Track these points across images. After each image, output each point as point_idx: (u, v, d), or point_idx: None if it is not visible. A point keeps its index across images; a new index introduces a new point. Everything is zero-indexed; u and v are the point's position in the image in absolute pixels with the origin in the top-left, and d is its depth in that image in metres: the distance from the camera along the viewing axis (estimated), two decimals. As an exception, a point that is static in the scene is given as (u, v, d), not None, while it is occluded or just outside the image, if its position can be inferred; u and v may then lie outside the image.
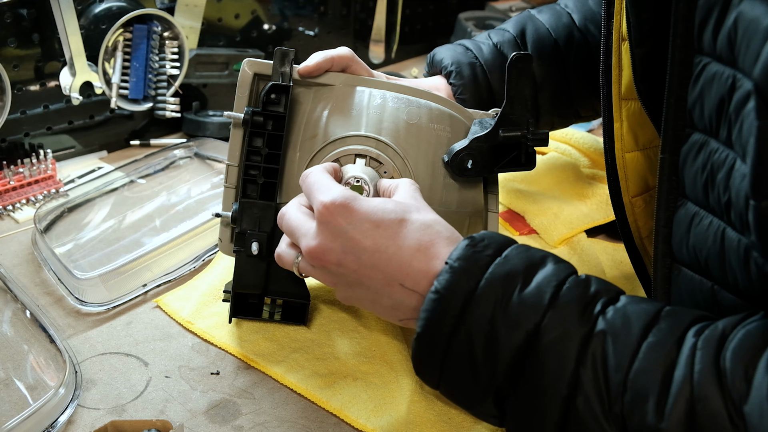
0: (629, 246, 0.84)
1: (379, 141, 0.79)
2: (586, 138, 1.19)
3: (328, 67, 0.81)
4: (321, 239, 0.67)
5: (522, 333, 0.58)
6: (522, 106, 0.79)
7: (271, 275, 0.81)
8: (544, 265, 0.62)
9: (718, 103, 0.58)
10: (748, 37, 0.54)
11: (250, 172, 0.79)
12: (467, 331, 0.60)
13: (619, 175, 0.81)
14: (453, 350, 0.61)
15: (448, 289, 0.61)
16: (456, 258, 0.62)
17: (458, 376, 0.62)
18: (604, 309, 0.59)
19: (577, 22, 0.98)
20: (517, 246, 0.64)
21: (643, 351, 0.56)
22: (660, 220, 0.68)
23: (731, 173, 0.57)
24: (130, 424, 0.71)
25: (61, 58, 1.12)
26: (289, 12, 1.39)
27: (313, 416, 0.75)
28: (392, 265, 0.65)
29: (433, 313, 0.61)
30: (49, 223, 1.01)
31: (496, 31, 1.00)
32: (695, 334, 0.56)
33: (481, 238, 0.64)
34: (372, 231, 0.65)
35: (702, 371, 0.53)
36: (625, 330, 0.57)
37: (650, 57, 0.72)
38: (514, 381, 0.59)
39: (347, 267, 0.66)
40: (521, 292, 0.60)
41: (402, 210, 0.67)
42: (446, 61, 0.94)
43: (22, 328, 0.83)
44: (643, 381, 0.55)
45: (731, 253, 0.59)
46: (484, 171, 0.81)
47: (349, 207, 0.66)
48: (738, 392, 0.51)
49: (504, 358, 0.59)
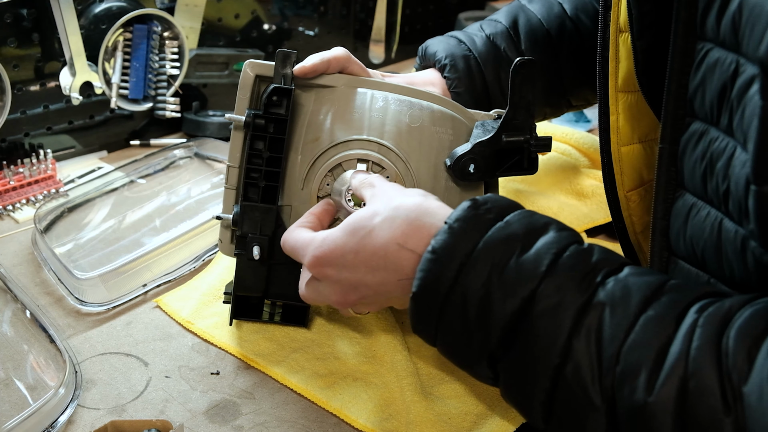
0: (623, 242, 0.84)
1: (381, 145, 0.79)
2: (585, 138, 1.19)
3: (325, 68, 0.81)
4: (314, 290, 0.71)
5: (517, 299, 0.57)
6: (525, 112, 0.79)
7: (272, 278, 0.81)
8: (546, 231, 0.60)
9: (720, 90, 0.58)
10: (753, 20, 0.53)
11: (251, 175, 0.79)
12: (462, 293, 0.59)
13: (614, 169, 0.80)
14: (447, 311, 0.60)
15: (444, 249, 0.60)
16: (456, 219, 0.61)
17: (453, 337, 0.61)
18: (605, 279, 0.57)
19: (568, 12, 0.98)
20: (521, 211, 0.62)
21: (640, 324, 0.54)
22: (657, 212, 0.67)
23: (731, 161, 0.57)
24: (130, 424, 0.71)
25: (61, 58, 1.12)
26: (289, 12, 1.39)
27: (313, 416, 0.75)
28: (390, 265, 0.65)
29: (429, 273, 0.61)
30: (49, 223, 1.01)
31: (488, 22, 0.99)
32: (698, 311, 0.54)
33: (484, 201, 0.63)
34: (354, 259, 0.67)
35: (700, 348, 0.52)
36: (624, 301, 0.55)
37: (652, 49, 0.72)
38: (506, 346, 0.58)
39: (361, 295, 0.68)
40: (519, 257, 0.59)
41: (361, 225, 0.67)
42: (440, 54, 0.93)
43: (22, 328, 0.83)
44: (637, 355, 0.53)
45: (728, 245, 0.59)
46: (487, 175, 0.80)
47: (323, 257, 0.68)
48: (738, 372, 0.50)
49: (497, 322, 0.58)
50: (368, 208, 0.68)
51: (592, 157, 1.17)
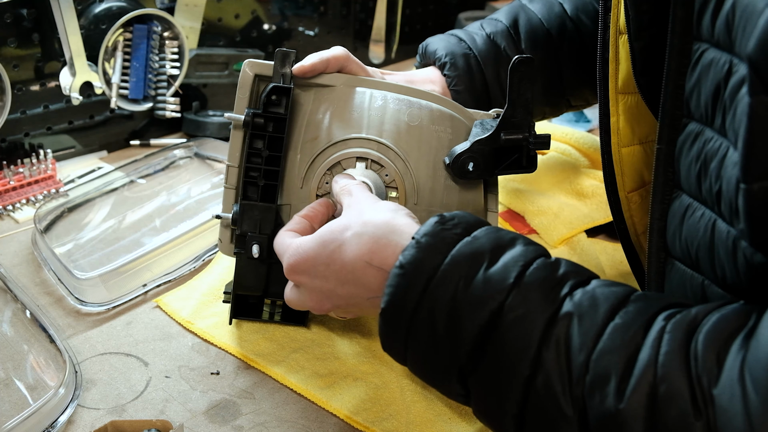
0: (625, 242, 0.84)
1: (380, 143, 0.79)
2: (586, 138, 1.19)
3: (324, 68, 0.81)
4: (294, 294, 0.72)
5: (486, 312, 0.57)
6: (524, 110, 0.79)
7: (272, 277, 0.81)
8: (513, 246, 0.61)
9: (715, 90, 0.58)
10: (745, 19, 0.53)
11: (250, 174, 0.79)
12: (430, 308, 0.59)
13: (615, 170, 0.80)
14: (416, 327, 0.60)
15: (412, 264, 0.60)
16: (423, 234, 0.62)
17: (422, 353, 0.61)
18: (572, 291, 0.57)
19: (569, 12, 0.98)
20: (487, 228, 0.63)
21: (608, 332, 0.54)
22: (655, 212, 0.67)
23: (724, 162, 0.57)
24: (130, 424, 0.71)
25: (61, 58, 1.12)
26: (289, 12, 1.39)
27: (313, 416, 0.75)
28: (358, 281, 0.66)
29: (397, 288, 0.61)
30: (49, 223, 1.01)
31: (489, 21, 0.99)
32: (665, 318, 0.55)
33: (451, 216, 0.63)
34: (326, 270, 0.67)
35: (668, 353, 0.52)
36: (592, 311, 0.56)
37: (649, 50, 0.72)
38: (476, 360, 0.58)
39: (334, 304, 0.69)
40: (486, 271, 0.59)
41: (332, 238, 0.67)
42: (440, 53, 0.93)
43: (22, 328, 0.83)
44: (606, 362, 0.53)
45: (720, 246, 0.59)
46: (486, 173, 0.80)
47: (296, 265, 0.69)
48: (708, 375, 0.50)
49: (466, 336, 0.58)
50: (341, 220, 0.69)
51: (592, 157, 1.17)
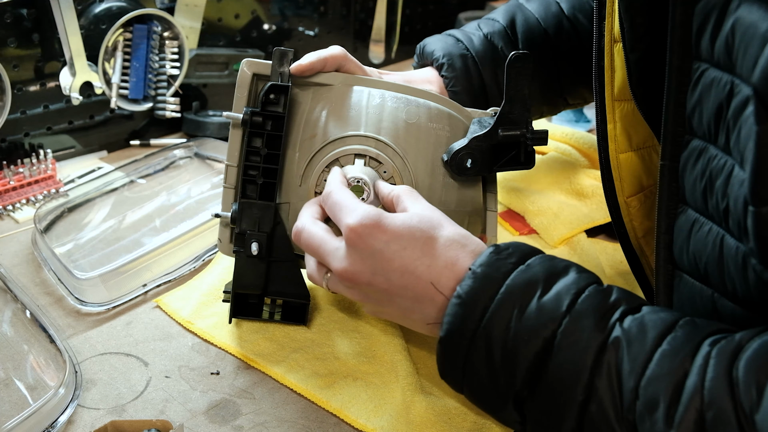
0: (625, 246, 0.84)
1: (378, 140, 0.79)
2: (586, 138, 1.19)
3: (321, 67, 0.81)
4: (350, 261, 0.68)
5: (540, 340, 0.59)
6: (521, 105, 0.79)
7: (271, 275, 0.81)
8: (566, 273, 0.62)
9: (717, 110, 0.58)
10: (746, 42, 0.53)
11: (249, 173, 0.79)
12: (487, 336, 0.61)
13: (613, 176, 0.80)
14: (473, 355, 0.62)
15: (469, 294, 0.62)
16: (479, 264, 0.63)
17: (479, 380, 0.62)
18: (623, 318, 0.59)
19: (566, 11, 0.98)
20: (542, 255, 0.64)
21: (656, 359, 0.56)
22: (661, 227, 0.68)
23: (729, 180, 0.57)
24: (130, 424, 0.71)
25: (61, 58, 1.12)
26: (289, 12, 1.39)
27: (313, 416, 0.75)
28: (421, 284, 0.66)
29: (455, 317, 0.62)
30: (49, 223, 1.01)
31: (486, 20, 0.99)
32: (711, 344, 0.55)
33: (506, 246, 0.64)
34: (401, 252, 0.66)
35: (714, 380, 0.53)
36: (641, 337, 0.57)
37: (645, 61, 0.72)
38: (532, 386, 0.60)
39: (377, 287, 0.68)
40: (540, 299, 0.60)
41: (428, 227, 0.67)
42: (437, 53, 0.94)
43: (22, 328, 0.83)
44: (655, 388, 0.55)
45: (730, 261, 0.59)
46: (484, 170, 0.81)
47: (377, 228, 0.67)
48: (749, 401, 0.51)
49: (522, 363, 0.59)
50: (430, 214, 0.69)
51: (593, 157, 1.17)
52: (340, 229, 0.69)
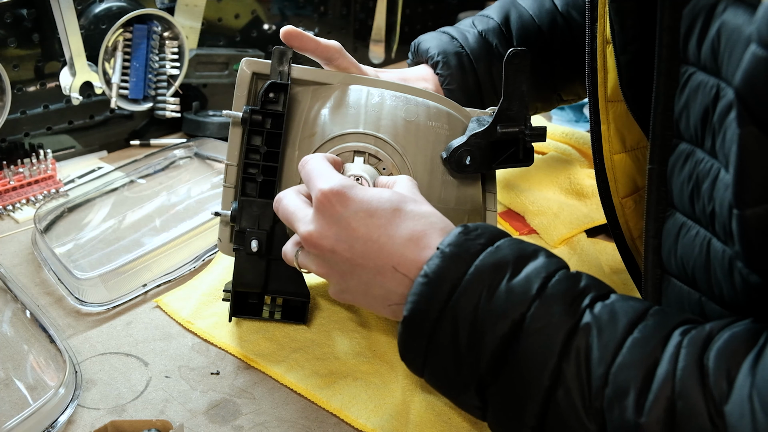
0: (621, 247, 0.84)
1: (377, 138, 0.79)
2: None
3: (313, 47, 0.81)
4: (316, 225, 0.67)
5: (507, 322, 0.58)
6: (519, 102, 0.79)
7: (271, 273, 0.81)
8: (536, 257, 0.61)
9: (703, 113, 0.58)
10: (731, 45, 0.53)
11: (249, 171, 0.79)
12: (453, 317, 0.59)
13: (608, 177, 0.80)
14: (438, 336, 0.60)
15: (437, 273, 0.61)
16: (447, 244, 0.62)
17: (442, 363, 0.61)
18: (593, 304, 0.58)
19: (559, 8, 0.98)
20: (510, 238, 0.63)
21: (627, 346, 0.55)
22: (649, 230, 0.67)
23: (716, 183, 0.57)
24: (130, 424, 0.71)
25: (61, 58, 1.12)
26: (289, 12, 1.39)
27: (313, 416, 0.75)
28: (383, 254, 0.65)
29: (421, 297, 0.61)
30: (49, 223, 1.01)
31: (480, 17, 0.99)
32: (681, 333, 0.55)
33: (474, 227, 0.63)
34: (366, 219, 0.65)
35: (685, 369, 0.53)
36: (611, 325, 0.56)
37: (635, 63, 0.72)
38: (496, 370, 0.58)
39: (340, 255, 0.66)
40: (509, 282, 0.59)
41: (397, 200, 0.67)
42: (432, 51, 0.94)
43: (22, 328, 0.83)
44: (625, 376, 0.54)
45: (716, 264, 0.59)
46: (483, 167, 0.81)
47: (346, 195, 0.66)
48: (719, 391, 0.51)
49: (488, 346, 0.58)
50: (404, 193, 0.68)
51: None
52: (312, 195, 0.68)
